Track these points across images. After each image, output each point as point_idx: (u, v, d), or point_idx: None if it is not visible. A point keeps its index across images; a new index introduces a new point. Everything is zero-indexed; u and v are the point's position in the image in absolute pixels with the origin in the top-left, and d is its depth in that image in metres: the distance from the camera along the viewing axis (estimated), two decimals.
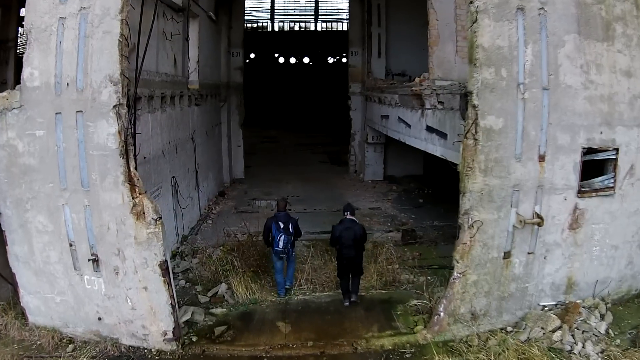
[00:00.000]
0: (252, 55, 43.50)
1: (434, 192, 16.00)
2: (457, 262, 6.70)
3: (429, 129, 9.69)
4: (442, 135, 8.94)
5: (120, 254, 6.39)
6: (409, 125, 11.14)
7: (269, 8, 43.83)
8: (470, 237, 6.63)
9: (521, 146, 6.40)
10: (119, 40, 5.87)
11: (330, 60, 44.05)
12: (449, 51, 10.08)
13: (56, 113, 6.04)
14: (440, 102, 9.01)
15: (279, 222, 7.94)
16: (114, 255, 6.42)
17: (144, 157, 8.34)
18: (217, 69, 15.42)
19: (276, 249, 7.94)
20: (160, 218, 6.22)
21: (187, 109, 11.35)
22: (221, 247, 10.60)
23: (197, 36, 12.32)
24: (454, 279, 6.78)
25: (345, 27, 44.92)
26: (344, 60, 44.68)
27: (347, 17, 43.66)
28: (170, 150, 9.97)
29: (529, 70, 6.27)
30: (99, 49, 5.95)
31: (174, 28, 9.98)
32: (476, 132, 6.38)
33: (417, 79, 10.47)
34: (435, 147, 9.42)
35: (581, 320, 6.63)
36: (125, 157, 5.97)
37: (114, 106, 5.87)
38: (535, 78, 6.29)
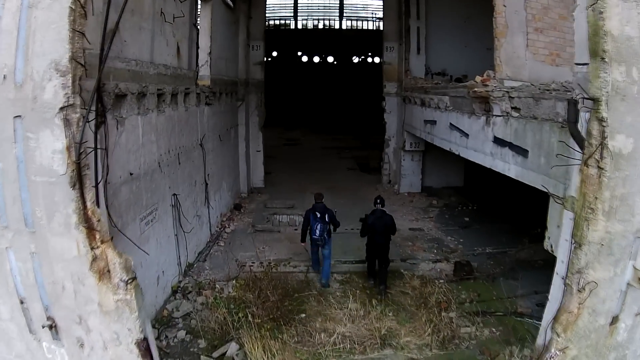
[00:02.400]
0: (275, 54, 42.23)
1: (479, 207, 13.79)
2: (558, 337, 4.90)
3: (498, 142, 7.51)
4: (520, 151, 6.79)
5: (83, 323, 4.45)
6: (466, 135, 8.90)
7: (292, 5, 42.32)
8: (580, 304, 4.80)
9: None
10: (70, 8, 3.85)
11: (356, 59, 42.58)
12: (518, 45, 7.97)
13: None
14: (515, 109, 6.96)
15: (316, 213, 8.52)
16: (75, 323, 4.46)
17: (130, 174, 6.38)
18: (234, 64, 13.39)
19: (313, 237, 8.57)
20: (134, 279, 4.16)
21: (195, 109, 9.34)
22: (233, 281, 8.60)
23: (209, 23, 10.32)
24: (551, 357, 4.98)
25: (370, 25, 43.42)
26: (370, 59, 43.45)
27: (373, 15, 43.14)
28: (170, 162, 7.98)
29: None
30: (45, 22, 3.96)
31: (176, 9, 7.96)
32: (602, 157, 4.36)
33: (478, 78, 8.30)
34: (507, 166, 7.25)
35: None
36: (78, 186, 3.93)
37: (61, 108, 3.85)
38: None
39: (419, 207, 13.97)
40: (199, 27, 9.19)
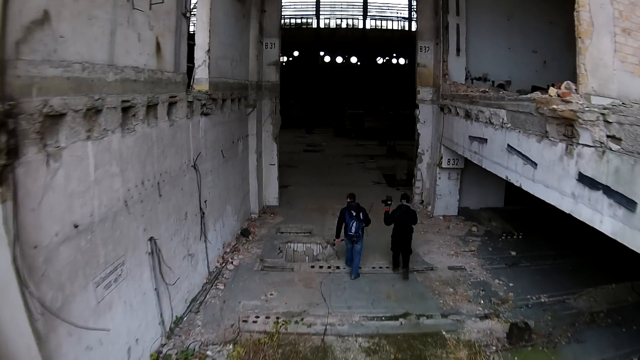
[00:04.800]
0: (296, 53, 40.67)
1: (524, 235, 11.58)
2: None
3: (586, 181, 5.29)
4: (623, 201, 4.61)
5: None
6: (533, 164, 6.62)
7: (314, 3, 40.62)
8: None
9: None
10: None
11: (380, 60, 40.69)
12: (605, 49, 5.67)
13: None
14: (614, 138, 4.79)
15: (352, 211, 8.89)
16: None
17: (75, 226, 4.48)
18: (243, 64, 11.36)
19: (349, 233, 8.91)
20: None
21: (185, 123, 7.38)
22: (230, 346, 6.62)
23: (208, 14, 8.33)
24: None
25: (395, 25, 41.22)
26: (394, 61, 41.39)
27: (398, 14, 40.93)
28: (145, 196, 6.02)
29: None
30: None
31: None
32: None
33: (553, 91, 6.06)
34: (597, 216, 5.07)
35: None
36: None
37: None
38: None
39: (458, 235, 11.70)
40: (188, 16, 7.17)
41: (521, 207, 12.79)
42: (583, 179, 5.33)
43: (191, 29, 8.02)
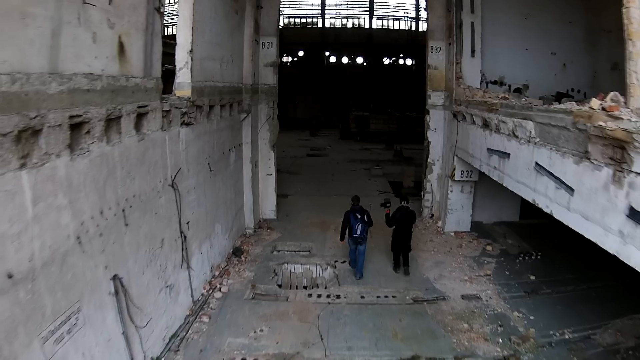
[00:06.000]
0: (301, 53, 39.86)
1: (543, 255, 10.56)
2: None
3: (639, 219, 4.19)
4: None
5: None
6: (569, 189, 5.55)
7: (320, 2, 39.68)
8: None
9: None
10: None
11: (386, 61, 39.66)
12: None
13: None
14: None
15: (356, 214, 9.08)
16: None
17: (9, 276, 3.58)
18: (235, 66, 10.31)
19: (354, 235, 9.11)
20: None
21: (160, 136, 6.39)
22: None
23: (191, 8, 7.34)
24: None
25: (402, 25, 40.08)
26: (401, 61, 40.29)
27: (405, 14, 39.79)
28: (104, 229, 5.04)
29: None
30: None
31: None
32: None
33: (596, 102, 5.02)
34: None
35: None
36: None
37: None
38: None
39: (471, 256, 10.63)
40: (161, 10, 6.17)
41: (537, 221, 11.70)
42: (636, 215, 4.27)
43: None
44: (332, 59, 41.05)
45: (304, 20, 41.16)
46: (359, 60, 40.78)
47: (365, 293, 8.56)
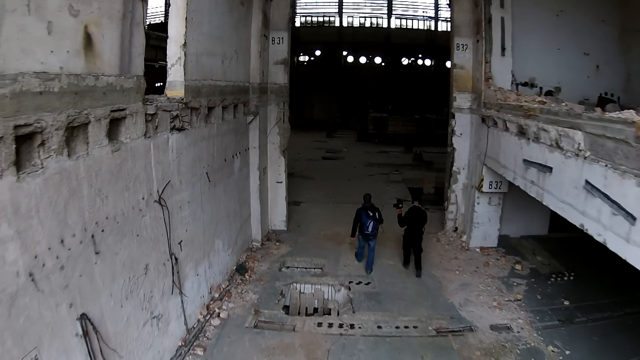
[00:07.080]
0: (318, 52, 39.03)
1: (576, 275, 9.46)
2: None
3: None
4: None
5: None
6: (631, 217, 4.40)
7: (337, 1, 38.75)
8: None
9: None
10: None
11: (405, 61, 38.50)
12: None
13: None
14: None
15: (368, 212, 9.28)
16: None
17: None
18: (241, 63, 9.31)
19: (366, 232, 9.29)
20: None
21: (142, 144, 5.46)
22: None
23: None
24: None
25: (421, 25, 38.75)
26: (420, 62, 39.01)
27: (424, 14, 38.44)
28: (67, 260, 4.13)
29: None
30: None
31: None
32: None
33: None
34: None
35: None
36: None
37: None
38: None
39: (499, 277, 9.47)
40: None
41: (567, 235, 10.37)
42: None
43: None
44: (350, 59, 40.09)
45: (321, 19, 40.28)
46: (377, 60, 39.72)
47: (382, 322, 7.50)
